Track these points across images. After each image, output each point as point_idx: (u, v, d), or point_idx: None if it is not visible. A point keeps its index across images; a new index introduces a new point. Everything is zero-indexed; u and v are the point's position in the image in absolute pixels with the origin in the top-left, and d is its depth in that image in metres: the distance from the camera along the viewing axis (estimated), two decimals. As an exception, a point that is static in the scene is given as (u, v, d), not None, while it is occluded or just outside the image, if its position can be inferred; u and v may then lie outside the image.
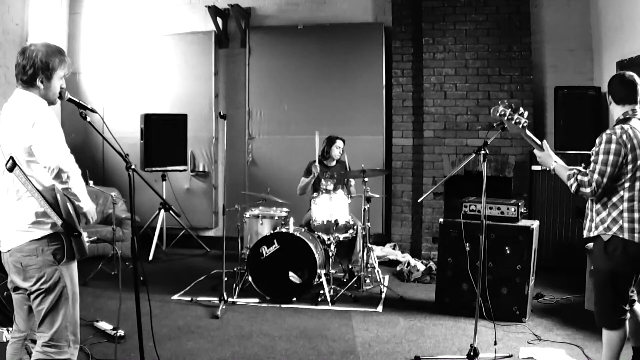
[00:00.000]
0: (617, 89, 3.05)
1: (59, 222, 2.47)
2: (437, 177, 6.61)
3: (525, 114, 3.21)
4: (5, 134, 2.52)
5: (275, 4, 7.36)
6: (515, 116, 3.18)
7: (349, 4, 7.19)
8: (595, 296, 3.12)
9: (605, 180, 2.88)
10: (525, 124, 3.18)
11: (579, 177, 2.94)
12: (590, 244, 4.58)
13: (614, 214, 2.93)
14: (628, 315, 3.03)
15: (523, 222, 4.52)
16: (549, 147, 3.19)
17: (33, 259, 2.53)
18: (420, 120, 6.72)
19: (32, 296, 2.59)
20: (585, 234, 3.11)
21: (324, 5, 7.25)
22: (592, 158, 2.94)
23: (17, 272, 2.60)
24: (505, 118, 3.19)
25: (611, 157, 2.87)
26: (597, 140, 2.95)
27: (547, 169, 3.17)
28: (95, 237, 5.90)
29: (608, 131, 2.94)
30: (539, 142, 3.19)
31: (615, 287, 2.97)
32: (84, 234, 2.66)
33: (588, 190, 2.91)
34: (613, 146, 2.88)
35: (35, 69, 2.55)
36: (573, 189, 2.95)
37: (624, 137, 2.89)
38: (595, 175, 2.88)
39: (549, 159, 3.15)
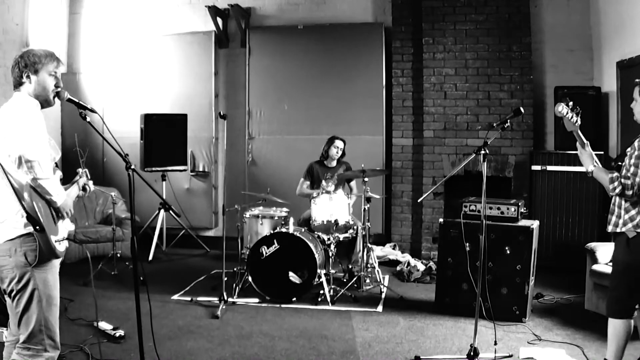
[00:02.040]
0: None
1: (25, 215, 2.47)
2: (437, 177, 6.61)
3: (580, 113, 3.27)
4: None
5: (275, 4, 7.36)
6: (574, 116, 3.23)
7: (349, 4, 7.19)
8: (610, 285, 3.28)
9: None
10: (579, 123, 3.24)
11: (623, 180, 3.02)
12: (591, 244, 4.62)
13: None
14: (636, 313, 3.13)
15: (523, 222, 4.52)
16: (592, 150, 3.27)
17: (6, 259, 2.52)
18: (420, 120, 6.72)
19: (10, 297, 2.59)
20: (610, 228, 3.20)
21: (324, 5, 7.26)
22: (633, 161, 3.01)
23: None
24: (567, 117, 3.23)
25: None
26: (637, 145, 3.03)
27: (586, 170, 3.25)
28: (64, 237, 5.87)
29: None
30: (585, 141, 3.28)
31: (629, 278, 3.10)
32: (60, 234, 2.62)
33: (630, 192, 3.01)
34: None
35: (20, 68, 2.60)
36: (617, 191, 3.04)
37: None
38: (638, 179, 2.99)
39: (590, 160, 3.23)
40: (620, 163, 3.16)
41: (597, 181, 3.20)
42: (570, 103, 3.25)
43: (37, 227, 2.49)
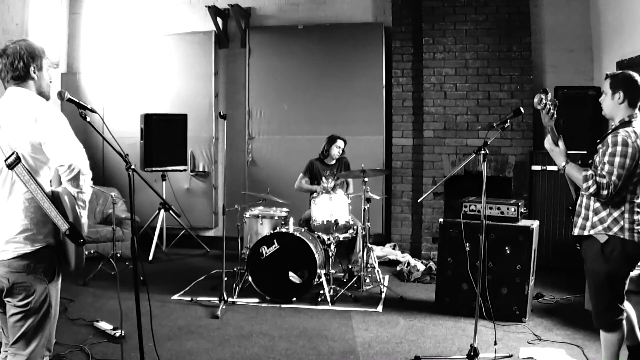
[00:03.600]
0: (636, 92, 3.00)
1: (64, 227, 2.30)
2: (437, 177, 6.61)
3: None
4: (5, 132, 2.36)
5: (275, 4, 7.36)
6: (551, 109, 3.15)
7: (349, 4, 7.19)
8: (592, 298, 3.12)
9: (620, 182, 2.86)
10: (555, 117, 3.17)
11: (598, 179, 2.87)
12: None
13: (615, 214, 2.92)
14: (624, 314, 3.05)
15: (523, 222, 4.52)
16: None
17: (22, 276, 2.36)
18: (420, 120, 6.72)
19: (13, 310, 2.40)
20: (576, 232, 3.07)
21: (324, 5, 7.25)
22: (607, 159, 2.88)
23: (1, 285, 2.39)
24: (545, 110, 3.15)
25: (628, 161, 2.85)
26: (611, 140, 2.89)
27: (558, 168, 3.14)
28: (92, 252, 5.96)
29: (622, 133, 2.89)
30: (558, 135, 3.17)
31: (613, 288, 2.99)
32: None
33: (606, 192, 2.85)
34: (630, 150, 2.85)
35: (24, 61, 2.46)
36: (592, 190, 2.88)
37: (638, 141, 2.89)
38: (614, 178, 2.84)
39: (562, 156, 3.12)
40: (589, 161, 3.04)
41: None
42: (549, 95, 3.13)
43: (82, 240, 2.37)
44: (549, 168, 6.05)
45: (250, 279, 5.00)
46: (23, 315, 2.40)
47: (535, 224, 4.50)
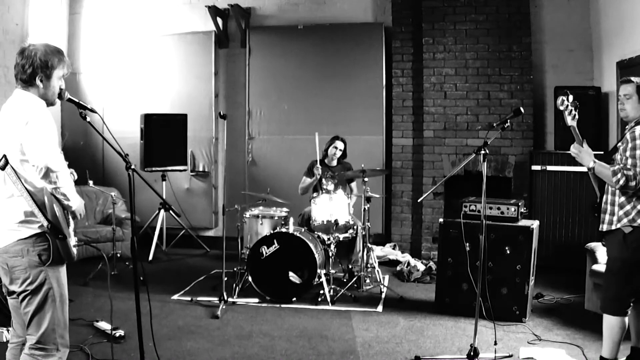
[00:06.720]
0: None
1: (45, 223, 2.45)
2: (437, 177, 6.61)
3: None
4: (1, 133, 2.51)
5: (275, 4, 7.36)
6: (573, 111, 3.31)
7: (349, 4, 7.19)
8: (605, 282, 3.28)
9: None
10: (576, 118, 3.32)
11: (626, 172, 3.03)
12: (591, 244, 4.62)
13: None
14: (630, 310, 3.15)
15: (523, 222, 4.52)
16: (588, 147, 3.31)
17: (18, 259, 2.50)
18: (420, 120, 6.71)
19: (19, 298, 2.55)
20: (605, 227, 3.22)
21: (324, 5, 7.25)
22: (629, 154, 3.05)
23: (4, 273, 2.57)
24: (567, 113, 3.32)
25: None
26: (630, 137, 3.07)
27: (587, 167, 3.27)
28: (82, 243, 5.94)
29: (639, 128, 3.07)
30: (581, 139, 3.31)
31: (627, 276, 3.11)
32: (73, 238, 2.63)
33: (633, 184, 3.02)
34: None
35: (34, 68, 2.53)
36: (621, 183, 3.04)
37: None
38: (638, 170, 3.01)
39: (589, 157, 3.25)
40: (610, 160, 3.19)
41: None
42: (570, 97, 3.29)
43: (61, 235, 2.49)
44: (549, 168, 6.05)
45: (250, 279, 5.00)
46: (27, 300, 2.53)
47: (535, 224, 4.50)
